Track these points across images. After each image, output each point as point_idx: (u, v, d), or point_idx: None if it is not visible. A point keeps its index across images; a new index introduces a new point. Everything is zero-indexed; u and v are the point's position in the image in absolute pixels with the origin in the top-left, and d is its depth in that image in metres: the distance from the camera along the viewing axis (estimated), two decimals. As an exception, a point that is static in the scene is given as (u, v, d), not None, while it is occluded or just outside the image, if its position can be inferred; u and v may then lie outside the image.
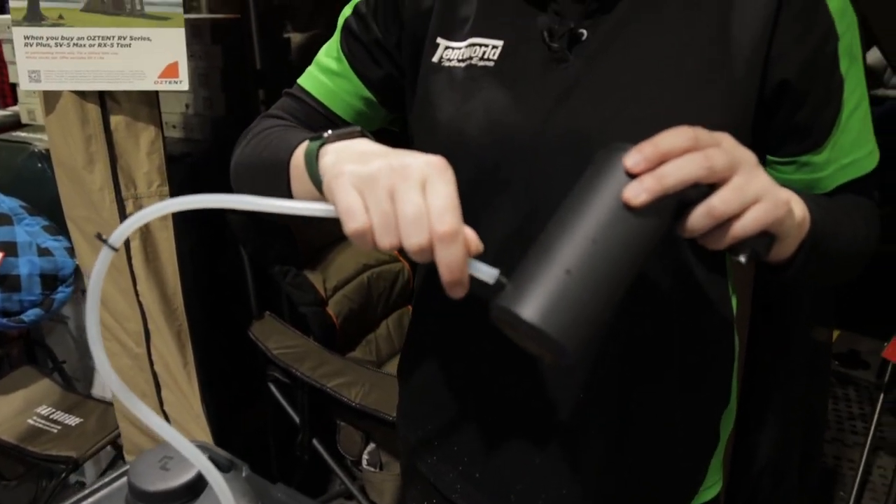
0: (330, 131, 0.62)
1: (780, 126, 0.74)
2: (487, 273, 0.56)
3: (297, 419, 2.04)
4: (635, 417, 0.80)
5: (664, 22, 0.71)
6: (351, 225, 0.54)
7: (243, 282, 2.16)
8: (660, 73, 0.70)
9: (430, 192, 0.54)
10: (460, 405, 0.86)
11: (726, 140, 0.58)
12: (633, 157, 0.55)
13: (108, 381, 0.56)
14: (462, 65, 0.76)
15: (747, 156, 0.58)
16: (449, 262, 0.53)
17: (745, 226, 0.57)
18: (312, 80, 0.88)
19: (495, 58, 0.74)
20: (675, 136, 0.56)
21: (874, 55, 3.25)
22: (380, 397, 1.78)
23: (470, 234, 0.54)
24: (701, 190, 0.56)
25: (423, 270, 0.90)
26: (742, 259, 0.59)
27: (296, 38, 2.38)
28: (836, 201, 0.76)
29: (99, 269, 0.54)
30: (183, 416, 1.77)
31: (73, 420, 1.97)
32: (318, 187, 0.61)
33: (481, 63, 0.75)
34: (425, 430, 0.91)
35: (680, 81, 0.69)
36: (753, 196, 0.57)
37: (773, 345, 1.36)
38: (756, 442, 1.41)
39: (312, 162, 0.62)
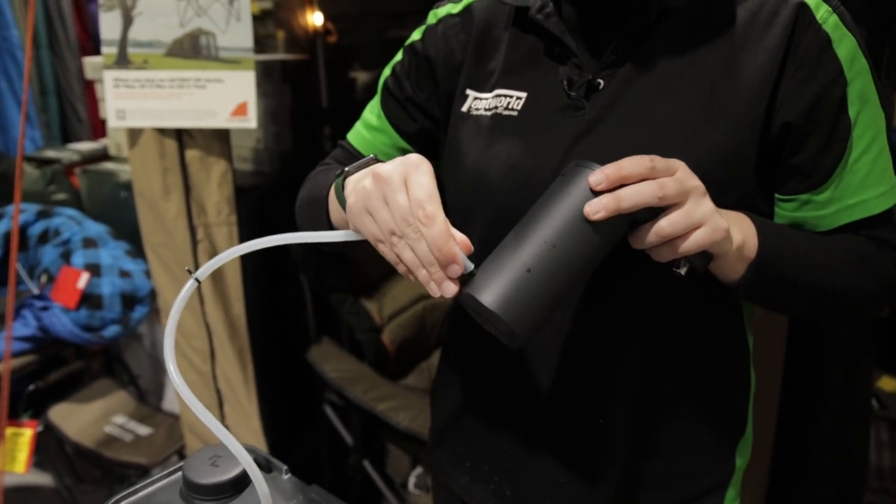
0: (347, 167, 0.74)
1: (782, 165, 0.78)
2: (466, 266, 0.65)
3: (349, 441, 2.12)
4: (651, 443, 0.84)
5: (673, 72, 0.76)
6: (379, 247, 0.67)
7: (303, 307, 2.25)
8: (667, 120, 0.75)
9: (410, 186, 0.64)
10: (490, 429, 0.91)
11: (681, 169, 0.66)
12: (597, 177, 0.64)
13: (177, 386, 0.66)
14: (488, 113, 0.83)
15: (697, 184, 0.66)
16: (433, 238, 0.63)
17: (687, 245, 0.65)
18: (356, 134, 0.98)
19: (519, 108, 0.81)
20: (635, 164, 0.64)
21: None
22: (427, 422, 1.82)
23: (458, 234, 0.65)
24: (653, 211, 0.65)
25: (455, 304, 0.96)
26: (682, 271, 0.67)
27: (361, 77, 2.49)
28: (820, 238, 0.79)
29: (182, 297, 0.65)
30: (242, 431, 1.87)
31: (144, 430, 2.10)
32: None
33: (506, 112, 0.82)
34: (457, 453, 0.96)
35: (685, 127, 0.75)
36: (697, 221, 0.65)
37: (806, 381, 1.36)
38: (789, 478, 1.41)
39: (340, 193, 0.73)
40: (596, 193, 0.64)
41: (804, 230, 0.80)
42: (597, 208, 0.63)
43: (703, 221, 0.65)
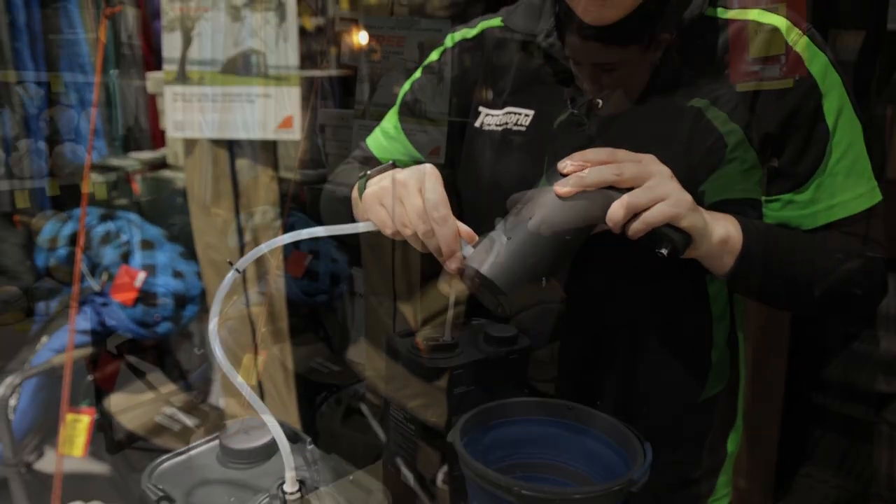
0: (370, 171, 0.84)
1: (765, 170, 0.86)
2: (469, 251, 0.77)
3: (382, 437, 2.20)
4: (645, 429, 0.90)
5: (663, 93, 0.86)
6: (386, 231, 0.78)
7: (342, 308, 2.36)
8: (658, 135, 0.85)
9: (425, 191, 0.75)
10: None
11: (646, 158, 0.76)
12: (564, 163, 0.76)
13: (222, 365, 0.79)
14: (499, 129, 0.93)
15: (661, 169, 0.76)
16: (444, 236, 0.74)
17: (652, 215, 0.74)
18: (374, 139, 1.10)
19: (527, 124, 0.92)
20: (598, 152, 0.76)
21: None
22: (456, 420, 1.90)
23: (463, 227, 0.76)
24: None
25: None
26: (663, 252, 0.76)
27: (403, 92, 2.58)
28: (805, 236, 0.86)
29: (225, 285, 0.77)
30: (281, 424, 1.97)
31: (191, 421, 2.22)
32: None
33: (515, 128, 0.92)
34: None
35: (674, 142, 0.84)
36: (659, 196, 0.74)
37: (808, 380, 1.41)
38: (792, 471, 1.45)
39: (363, 192, 0.84)
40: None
41: (790, 230, 0.88)
42: (563, 184, 0.75)
43: (665, 196, 0.74)
